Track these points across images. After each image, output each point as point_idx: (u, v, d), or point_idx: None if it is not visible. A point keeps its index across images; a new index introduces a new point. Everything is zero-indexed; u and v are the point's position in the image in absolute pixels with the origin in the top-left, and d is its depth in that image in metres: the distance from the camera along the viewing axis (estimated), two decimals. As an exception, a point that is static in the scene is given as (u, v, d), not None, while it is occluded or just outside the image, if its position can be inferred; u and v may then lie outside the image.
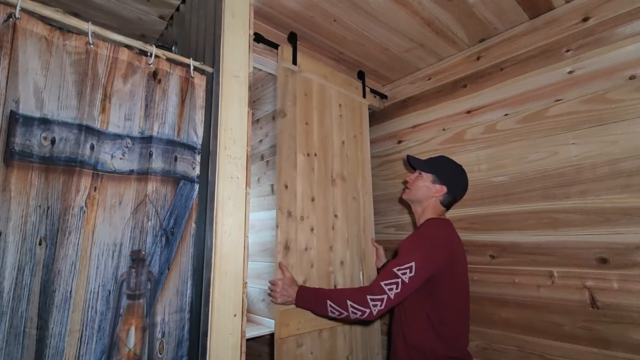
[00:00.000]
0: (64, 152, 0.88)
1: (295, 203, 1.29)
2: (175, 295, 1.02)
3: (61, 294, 0.82)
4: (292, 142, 1.30)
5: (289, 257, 1.24)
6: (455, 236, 1.24)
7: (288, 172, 1.28)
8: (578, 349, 1.20)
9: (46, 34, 0.87)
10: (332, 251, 1.41)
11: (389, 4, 1.29)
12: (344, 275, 1.46)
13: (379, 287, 1.09)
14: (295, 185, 1.31)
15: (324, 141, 1.48)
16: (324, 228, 1.40)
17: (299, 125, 1.35)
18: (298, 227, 1.28)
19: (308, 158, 1.37)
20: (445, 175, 1.28)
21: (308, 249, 1.32)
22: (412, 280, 1.08)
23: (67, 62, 0.90)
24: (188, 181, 1.07)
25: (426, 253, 1.12)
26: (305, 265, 1.30)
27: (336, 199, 1.49)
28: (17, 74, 0.82)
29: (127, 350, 0.91)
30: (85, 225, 0.89)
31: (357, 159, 1.66)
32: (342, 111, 1.61)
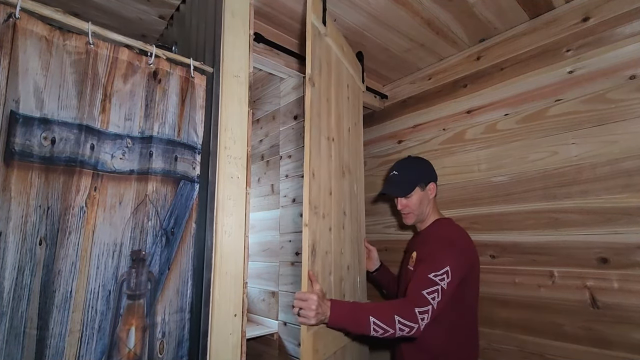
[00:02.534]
0: (64, 152, 0.88)
1: (319, 197, 1.06)
2: (175, 295, 1.02)
3: (61, 294, 0.82)
4: (317, 120, 1.08)
5: (314, 263, 0.99)
6: (466, 233, 1.24)
7: (315, 157, 1.04)
8: (578, 348, 1.20)
9: (46, 34, 0.87)
10: (342, 255, 1.21)
11: (389, 4, 1.29)
12: (349, 282, 1.28)
13: (423, 297, 0.98)
14: (320, 176, 1.08)
15: (338, 125, 1.27)
16: (338, 227, 1.20)
17: (322, 100, 1.13)
18: (320, 226, 1.05)
19: (328, 142, 1.16)
20: (423, 173, 1.27)
21: (328, 252, 1.10)
22: (450, 287, 1.01)
23: (67, 62, 0.90)
24: (188, 181, 1.07)
25: (458, 256, 1.08)
26: (326, 273, 1.08)
27: (345, 194, 1.29)
28: (17, 74, 0.82)
29: (128, 350, 0.91)
30: (86, 225, 0.89)
31: (357, 150, 1.50)
32: (349, 93, 1.41)
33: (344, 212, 1.27)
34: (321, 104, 1.13)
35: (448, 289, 1.01)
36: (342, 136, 1.31)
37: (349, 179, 1.36)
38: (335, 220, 1.17)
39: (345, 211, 1.29)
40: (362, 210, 1.52)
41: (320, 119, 1.11)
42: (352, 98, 1.46)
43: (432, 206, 1.27)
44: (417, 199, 1.24)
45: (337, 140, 1.26)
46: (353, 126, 1.46)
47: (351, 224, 1.35)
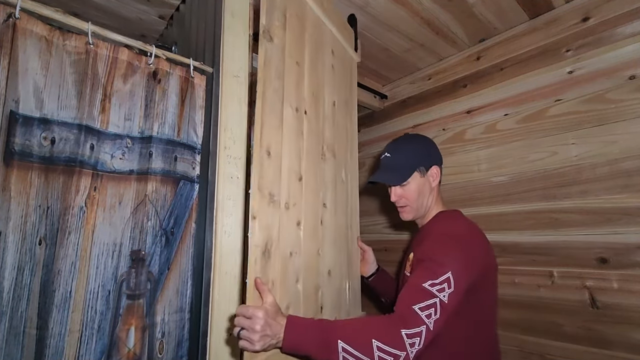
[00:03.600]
0: (64, 152, 0.88)
1: (279, 182, 0.84)
2: (175, 295, 1.02)
3: (61, 294, 0.82)
4: (278, 85, 0.86)
5: (268, 268, 0.77)
6: (478, 227, 0.99)
7: (271, 131, 0.82)
8: (578, 349, 1.20)
9: (46, 34, 0.87)
10: (319, 256, 0.98)
11: (388, 4, 1.29)
12: (332, 290, 1.04)
13: (413, 315, 0.74)
14: (281, 154, 0.85)
15: (316, 96, 1.04)
16: (313, 222, 0.97)
17: (288, 61, 0.92)
18: (282, 219, 0.83)
19: (297, 115, 0.94)
20: (423, 154, 1.03)
21: (293, 253, 0.87)
22: (452, 300, 0.77)
23: (67, 62, 0.90)
24: (188, 181, 1.07)
25: (464, 258, 0.83)
26: (291, 280, 0.84)
27: (326, 181, 1.06)
28: (17, 74, 0.82)
29: (127, 350, 0.91)
30: (85, 225, 0.89)
31: (347, 130, 1.26)
32: (335, 61, 1.18)
33: (324, 203, 1.04)
34: (285, 66, 0.91)
35: (450, 302, 0.77)
36: (322, 110, 1.07)
37: (334, 164, 1.12)
38: (307, 213, 0.94)
39: (326, 203, 1.05)
40: (354, 202, 1.28)
41: (283, 83, 0.89)
42: (339, 68, 1.22)
43: (434, 196, 1.04)
44: (416, 188, 1.00)
45: (313, 114, 1.02)
46: (342, 102, 1.24)
47: (335, 218, 1.10)
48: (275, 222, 0.82)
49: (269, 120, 0.82)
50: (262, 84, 0.81)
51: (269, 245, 0.79)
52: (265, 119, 0.81)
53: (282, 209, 0.85)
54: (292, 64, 0.94)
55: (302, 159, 0.95)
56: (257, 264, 0.75)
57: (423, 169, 1.01)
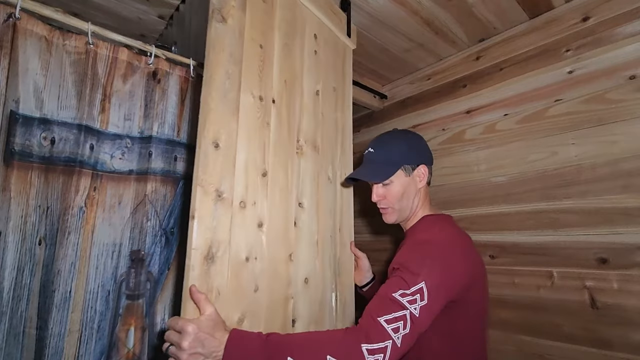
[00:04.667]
0: (64, 152, 0.88)
1: (232, 177, 0.77)
2: (175, 295, 1.02)
3: (60, 294, 0.82)
4: (234, 70, 0.80)
5: (212, 274, 0.70)
6: (467, 236, 0.92)
7: (222, 119, 0.76)
8: (578, 349, 1.19)
9: (46, 34, 0.87)
10: (292, 262, 0.90)
11: (388, 4, 1.29)
12: (310, 301, 0.95)
13: (377, 328, 0.67)
14: (235, 146, 0.79)
15: (290, 84, 0.97)
16: (282, 223, 0.89)
17: (248, 44, 0.85)
18: (235, 219, 0.76)
19: (261, 104, 0.87)
20: (410, 151, 0.93)
21: (251, 259, 0.79)
22: (425, 314, 0.69)
23: (67, 62, 0.90)
24: (189, 181, 1.07)
25: (441, 268, 0.75)
26: (247, 288, 0.77)
27: (303, 178, 0.98)
28: (17, 74, 0.82)
29: (127, 350, 0.92)
30: (85, 225, 0.89)
31: (336, 123, 1.17)
32: (318, 46, 1.11)
33: (300, 202, 0.96)
34: (245, 50, 0.84)
35: (422, 316, 0.69)
36: (299, 100, 1.00)
37: (315, 159, 1.04)
38: (274, 212, 0.87)
39: (303, 202, 0.97)
40: (346, 202, 1.18)
41: (240, 68, 0.82)
42: (326, 54, 1.14)
43: (421, 198, 0.95)
44: (400, 188, 0.91)
45: (285, 103, 0.95)
46: (329, 91, 1.15)
47: (317, 220, 1.01)
48: (224, 223, 0.74)
49: (218, 108, 0.76)
50: (209, 68, 0.75)
51: (214, 249, 0.72)
52: (213, 107, 0.74)
53: (235, 208, 0.77)
54: (255, 47, 0.87)
55: (267, 152, 0.87)
56: (195, 269, 0.67)
57: (409, 168, 0.92)
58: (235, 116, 0.80)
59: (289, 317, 0.87)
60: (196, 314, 0.65)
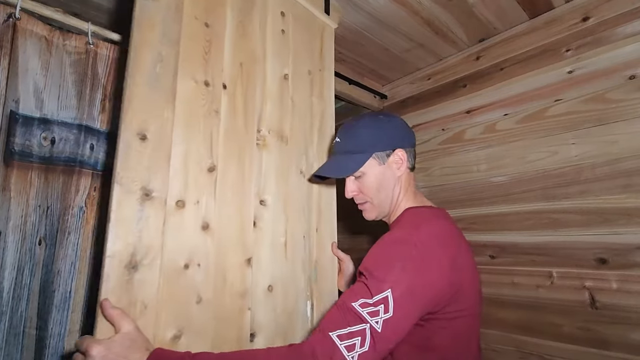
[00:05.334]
0: (64, 152, 0.88)
1: (165, 173, 0.69)
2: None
3: (60, 294, 0.83)
4: (168, 51, 0.72)
5: (136, 285, 0.62)
6: (458, 234, 0.76)
7: (150, 108, 0.68)
8: (577, 349, 1.20)
9: (46, 34, 0.87)
10: (250, 267, 0.81)
11: (388, 3, 1.29)
12: (275, 312, 0.84)
13: (327, 344, 0.57)
14: (170, 138, 0.70)
15: (248, 67, 0.88)
16: (236, 224, 0.80)
17: (189, 23, 0.77)
18: (170, 221, 0.68)
19: (208, 90, 0.78)
20: (381, 135, 0.79)
21: (193, 265, 0.70)
22: (390, 329, 0.58)
23: (67, 62, 0.90)
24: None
25: (412, 275, 0.62)
26: (185, 300, 0.68)
27: (266, 172, 0.89)
28: (17, 74, 0.82)
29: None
30: (85, 225, 0.89)
31: (312, 110, 1.06)
32: (286, 25, 1.01)
33: (261, 200, 0.86)
34: (184, 29, 0.76)
35: (386, 331, 0.57)
36: (260, 85, 0.91)
37: (283, 152, 0.95)
38: (224, 212, 0.77)
39: (266, 199, 0.87)
40: (327, 198, 1.06)
41: (178, 50, 0.74)
42: (297, 34, 1.05)
43: (402, 187, 0.80)
44: (374, 179, 0.78)
45: (241, 89, 0.85)
46: (302, 75, 1.05)
47: (285, 219, 0.92)
48: (155, 226, 0.65)
49: (146, 95, 0.67)
50: (135, 49, 0.67)
51: (139, 256, 0.63)
52: (138, 94, 0.66)
53: (171, 208, 0.68)
54: (198, 26, 0.78)
55: (216, 144, 0.78)
56: (110, 280, 0.59)
57: (382, 155, 0.78)
58: (171, 104, 0.71)
59: (245, 330, 0.77)
60: (111, 332, 0.57)
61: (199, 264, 0.71)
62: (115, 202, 0.61)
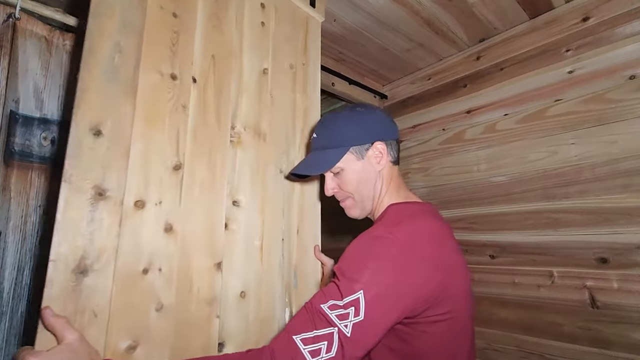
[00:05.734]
0: (64, 152, 0.88)
1: (123, 171, 0.65)
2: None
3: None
4: (129, 42, 0.69)
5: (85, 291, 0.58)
6: (441, 231, 0.69)
7: (106, 101, 0.65)
8: (578, 348, 1.20)
9: (46, 34, 0.87)
10: (220, 272, 0.76)
11: (388, 3, 1.29)
12: (248, 320, 0.80)
13: (290, 348, 0.54)
14: (130, 134, 0.67)
15: (221, 61, 0.84)
16: (204, 226, 0.76)
17: (154, 12, 0.73)
18: (127, 222, 0.64)
19: (174, 84, 0.74)
20: (358, 128, 0.75)
21: (153, 270, 0.66)
22: (360, 332, 0.54)
23: (67, 62, 0.90)
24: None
25: (388, 274, 0.58)
26: (142, 307, 0.64)
27: (241, 171, 0.85)
28: (17, 74, 0.82)
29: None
30: (85, 225, 0.89)
31: (295, 106, 1.03)
32: (267, 17, 0.98)
33: (233, 201, 0.82)
34: (149, 19, 0.72)
35: (356, 336, 0.53)
36: (235, 79, 0.87)
37: (261, 149, 0.90)
38: (191, 213, 0.73)
39: (240, 199, 0.83)
40: (309, 200, 1.02)
41: (141, 40, 0.70)
42: (279, 27, 1.01)
43: (384, 182, 0.76)
44: (353, 174, 0.74)
45: (214, 83, 0.81)
46: (284, 70, 1.01)
47: (261, 220, 0.87)
48: (109, 227, 0.61)
49: (102, 88, 0.64)
50: (91, 39, 0.63)
51: (90, 260, 0.58)
52: (93, 86, 0.62)
53: (128, 209, 0.64)
54: (164, 16, 0.75)
55: (182, 141, 0.74)
56: (53, 286, 0.54)
57: (360, 149, 0.74)
58: (131, 98, 0.67)
59: (213, 340, 0.71)
60: (53, 342, 0.53)
61: (160, 268, 0.66)
62: (62, 202, 0.57)
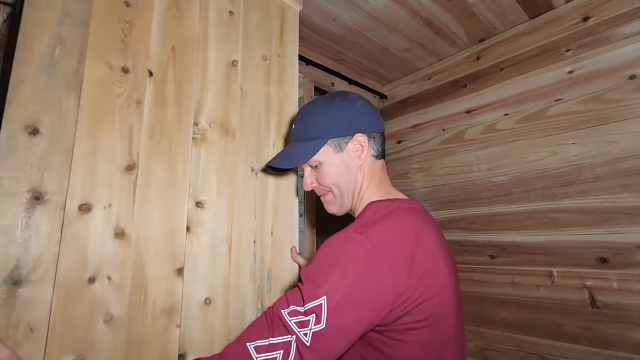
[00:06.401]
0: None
1: (64, 173, 0.60)
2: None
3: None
4: (72, 33, 0.64)
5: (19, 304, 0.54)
6: (424, 232, 0.62)
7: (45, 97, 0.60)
8: (578, 348, 1.20)
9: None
10: (181, 278, 0.72)
11: (388, 3, 1.29)
12: (212, 329, 0.75)
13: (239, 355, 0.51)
14: (73, 132, 0.62)
15: (183, 52, 0.80)
16: (163, 229, 0.71)
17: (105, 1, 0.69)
18: (70, 228, 0.60)
19: (126, 77, 0.70)
20: (336, 118, 0.69)
21: (101, 278, 0.62)
22: (321, 342, 0.50)
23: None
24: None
25: (355, 279, 0.52)
26: (88, 319, 0.60)
27: (206, 170, 0.80)
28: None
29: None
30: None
31: (269, 100, 0.97)
32: (235, 6, 0.93)
33: (197, 202, 0.77)
34: (96, 7, 0.67)
35: (316, 345, 0.49)
36: (199, 72, 0.82)
37: (229, 147, 0.85)
38: (145, 216, 0.68)
39: (203, 200, 0.78)
40: (285, 199, 0.97)
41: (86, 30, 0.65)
42: (248, 16, 0.96)
43: (364, 177, 0.70)
44: (331, 168, 0.69)
45: (173, 76, 0.77)
46: (256, 62, 0.95)
47: (229, 222, 0.82)
48: (48, 233, 0.57)
49: (41, 83, 0.59)
50: (26, 30, 0.59)
51: (25, 270, 0.54)
52: (29, 80, 0.58)
53: (71, 214, 0.60)
54: (115, 4, 0.70)
55: (136, 139, 0.69)
56: None
57: (339, 141, 0.69)
58: (75, 93, 0.62)
59: (172, 350, 0.67)
60: None
61: (110, 276, 0.62)
62: None
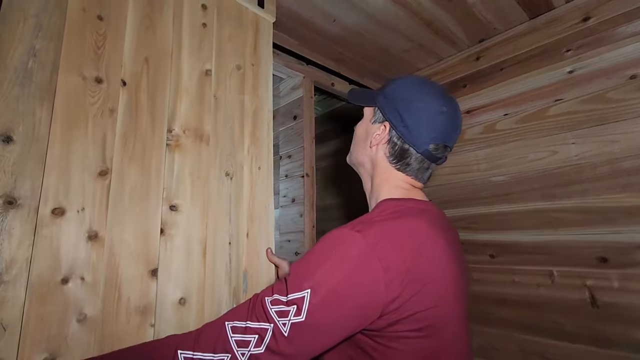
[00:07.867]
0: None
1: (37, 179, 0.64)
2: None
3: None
4: (45, 45, 0.68)
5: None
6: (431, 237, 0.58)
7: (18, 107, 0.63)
8: (578, 348, 1.20)
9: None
10: (155, 279, 0.74)
11: (388, 4, 1.29)
12: (186, 328, 0.77)
13: (216, 330, 0.51)
14: (46, 140, 0.65)
15: (156, 63, 0.84)
16: (137, 232, 0.74)
17: (75, 15, 0.73)
18: (43, 231, 0.62)
19: (100, 87, 0.73)
20: (390, 94, 0.68)
21: (74, 279, 0.64)
22: (299, 334, 0.49)
23: None
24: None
25: (345, 276, 0.50)
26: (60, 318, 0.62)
27: (179, 175, 0.83)
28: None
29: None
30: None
31: (243, 108, 1.01)
32: (208, 18, 0.97)
33: (171, 205, 0.80)
34: (69, 21, 0.71)
35: (294, 337, 0.48)
36: (172, 81, 0.86)
37: (203, 152, 0.89)
38: (118, 219, 0.71)
39: (177, 204, 0.81)
40: (260, 202, 1.00)
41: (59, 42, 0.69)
42: (221, 27, 1.00)
43: (380, 171, 0.70)
44: (359, 128, 0.74)
45: (147, 85, 0.80)
46: (230, 71, 1.00)
47: (204, 225, 0.85)
48: (20, 237, 0.60)
49: (14, 93, 0.63)
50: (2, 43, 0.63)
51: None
52: (3, 92, 0.62)
53: (44, 218, 0.62)
54: (88, 19, 0.74)
55: (110, 145, 0.73)
56: None
57: (378, 116, 0.70)
58: (49, 102, 0.66)
59: None
60: None
61: (83, 277, 0.65)
62: None
